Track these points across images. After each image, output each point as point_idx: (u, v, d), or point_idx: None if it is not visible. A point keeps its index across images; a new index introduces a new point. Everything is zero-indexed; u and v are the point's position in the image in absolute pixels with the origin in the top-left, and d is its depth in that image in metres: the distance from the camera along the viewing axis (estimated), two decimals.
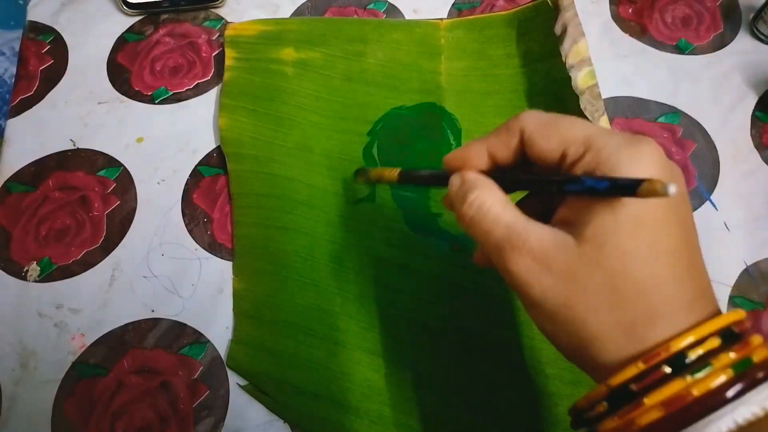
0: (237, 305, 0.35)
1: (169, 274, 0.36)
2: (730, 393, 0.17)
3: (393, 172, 0.29)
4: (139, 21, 0.46)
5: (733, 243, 0.37)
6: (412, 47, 0.43)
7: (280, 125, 0.40)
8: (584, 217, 0.20)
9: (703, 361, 0.18)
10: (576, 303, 0.19)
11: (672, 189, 0.17)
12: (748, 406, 0.17)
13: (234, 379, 0.33)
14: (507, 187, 0.23)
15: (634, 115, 0.41)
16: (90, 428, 0.32)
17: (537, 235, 0.20)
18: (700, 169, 0.39)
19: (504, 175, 0.23)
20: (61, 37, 0.45)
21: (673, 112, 0.41)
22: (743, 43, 0.44)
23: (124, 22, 0.45)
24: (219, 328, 0.35)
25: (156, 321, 0.35)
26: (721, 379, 0.17)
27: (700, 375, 0.18)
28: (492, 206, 0.22)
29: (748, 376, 0.18)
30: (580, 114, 0.36)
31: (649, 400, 0.18)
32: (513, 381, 0.33)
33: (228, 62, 0.42)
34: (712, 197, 0.38)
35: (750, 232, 0.37)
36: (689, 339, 0.18)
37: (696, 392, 0.17)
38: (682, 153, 0.40)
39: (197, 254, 0.37)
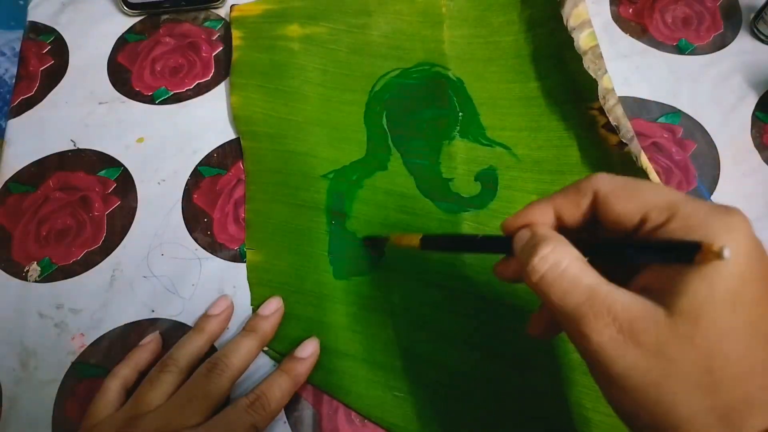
0: (254, 276, 0.36)
1: (170, 275, 0.36)
2: None
3: (414, 239, 0.29)
4: (140, 21, 0.46)
5: None
6: (414, 17, 0.44)
7: (290, 100, 0.41)
8: (675, 286, 0.18)
9: None
10: (665, 383, 0.17)
11: (727, 252, 0.16)
12: None
13: None
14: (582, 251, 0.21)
15: (635, 115, 0.41)
16: None
17: (623, 303, 0.18)
18: (701, 169, 0.39)
19: (580, 237, 0.21)
20: (62, 38, 0.45)
21: (674, 112, 0.41)
22: (744, 43, 0.44)
23: (125, 22, 0.45)
24: None
25: (156, 321, 0.35)
26: None
27: None
28: (570, 264, 0.19)
29: None
30: (584, 73, 0.37)
31: None
32: (524, 334, 0.33)
33: (235, 42, 0.43)
34: (712, 197, 0.38)
35: None
36: None
37: None
38: (683, 153, 0.40)
39: (197, 254, 0.37)
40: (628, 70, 0.43)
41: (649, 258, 0.19)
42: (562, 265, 0.19)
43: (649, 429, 0.18)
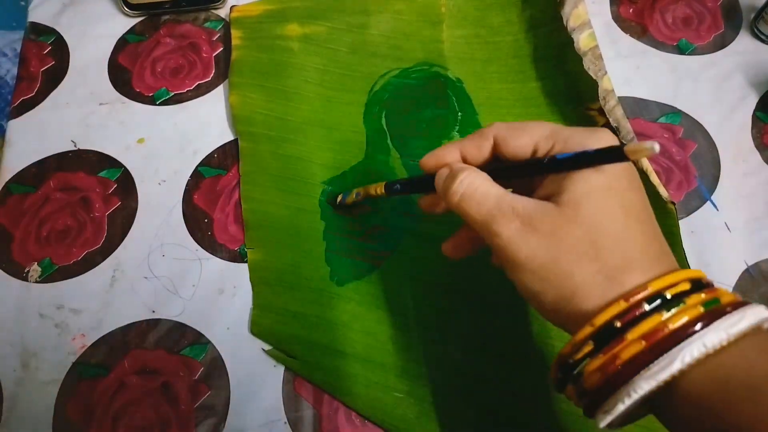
0: (255, 274, 0.36)
1: (170, 275, 0.36)
2: (700, 325, 0.19)
3: (379, 187, 0.32)
4: (140, 22, 0.46)
5: (733, 243, 0.37)
6: (413, 17, 0.44)
7: (290, 100, 0.41)
8: (559, 188, 0.22)
9: (678, 300, 0.20)
10: (561, 257, 0.22)
11: (656, 146, 0.19)
12: (716, 333, 0.19)
13: (236, 374, 0.33)
14: (495, 179, 0.25)
15: (635, 115, 0.41)
16: (91, 429, 0.32)
17: (523, 202, 0.23)
18: (701, 169, 0.39)
19: (493, 167, 0.26)
20: (63, 38, 0.45)
21: (674, 112, 0.41)
22: (744, 43, 0.44)
23: (125, 23, 0.45)
24: (220, 329, 0.35)
25: (156, 321, 0.35)
26: (693, 314, 0.20)
27: (674, 311, 0.20)
28: (481, 183, 0.24)
29: (716, 312, 0.20)
30: (584, 74, 0.37)
31: (631, 335, 0.20)
32: (524, 335, 0.34)
33: (234, 42, 0.43)
34: (712, 197, 0.38)
35: (751, 233, 0.37)
36: (664, 282, 0.20)
37: (671, 325, 0.20)
38: (683, 153, 0.40)
39: (198, 255, 0.37)
40: (629, 70, 0.43)
41: (561, 158, 0.23)
42: (475, 184, 0.24)
43: (555, 301, 0.22)
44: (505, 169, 0.26)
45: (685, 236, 0.36)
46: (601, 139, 0.23)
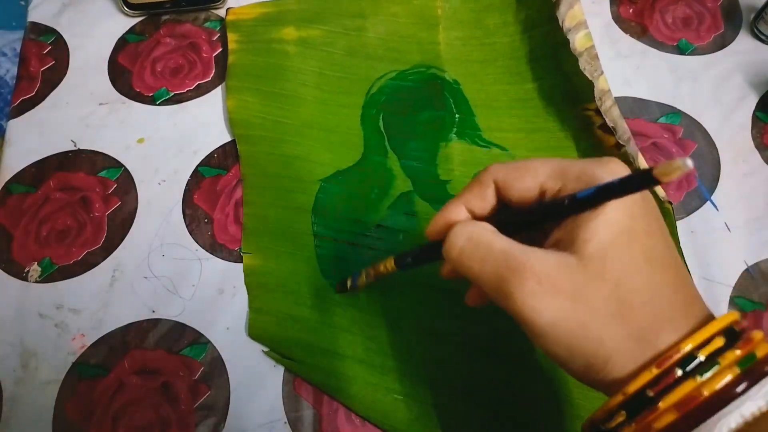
0: (250, 279, 0.36)
1: (170, 275, 0.36)
2: (737, 390, 0.18)
3: (389, 263, 0.28)
4: (140, 22, 0.46)
5: (733, 243, 0.37)
6: (410, 19, 0.44)
7: (286, 103, 0.41)
8: (580, 235, 0.19)
9: (711, 361, 0.18)
10: (589, 322, 0.19)
11: (689, 162, 0.16)
12: (755, 401, 0.17)
13: (236, 374, 0.34)
14: (509, 231, 0.22)
15: (635, 115, 0.41)
16: (91, 429, 0.32)
17: (537, 257, 0.20)
18: (701, 169, 0.39)
19: (502, 217, 0.23)
20: (62, 38, 0.45)
21: (674, 112, 0.41)
22: (744, 43, 0.44)
23: (125, 22, 0.45)
24: (220, 329, 0.35)
25: (156, 321, 0.35)
26: (728, 377, 0.18)
27: (708, 374, 0.18)
28: (482, 234, 0.21)
29: (753, 372, 0.18)
30: (580, 75, 0.37)
31: (664, 404, 0.18)
32: (523, 335, 0.34)
33: (231, 46, 0.43)
34: (712, 197, 0.38)
35: (751, 233, 0.37)
36: (696, 340, 0.19)
37: (706, 392, 0.18)
38: (683, 153, 0.40)
39: (198, 255, 0.37)
40: (629, 70, 0.43)
41: (600, 202, 0.20)
42: (475, 236, 0.21)
43: (585, 368, 0.20)
44: (517, 218, 0.22)
45: (685, 236, 0.36)
46: (612, 170, 0.20)
